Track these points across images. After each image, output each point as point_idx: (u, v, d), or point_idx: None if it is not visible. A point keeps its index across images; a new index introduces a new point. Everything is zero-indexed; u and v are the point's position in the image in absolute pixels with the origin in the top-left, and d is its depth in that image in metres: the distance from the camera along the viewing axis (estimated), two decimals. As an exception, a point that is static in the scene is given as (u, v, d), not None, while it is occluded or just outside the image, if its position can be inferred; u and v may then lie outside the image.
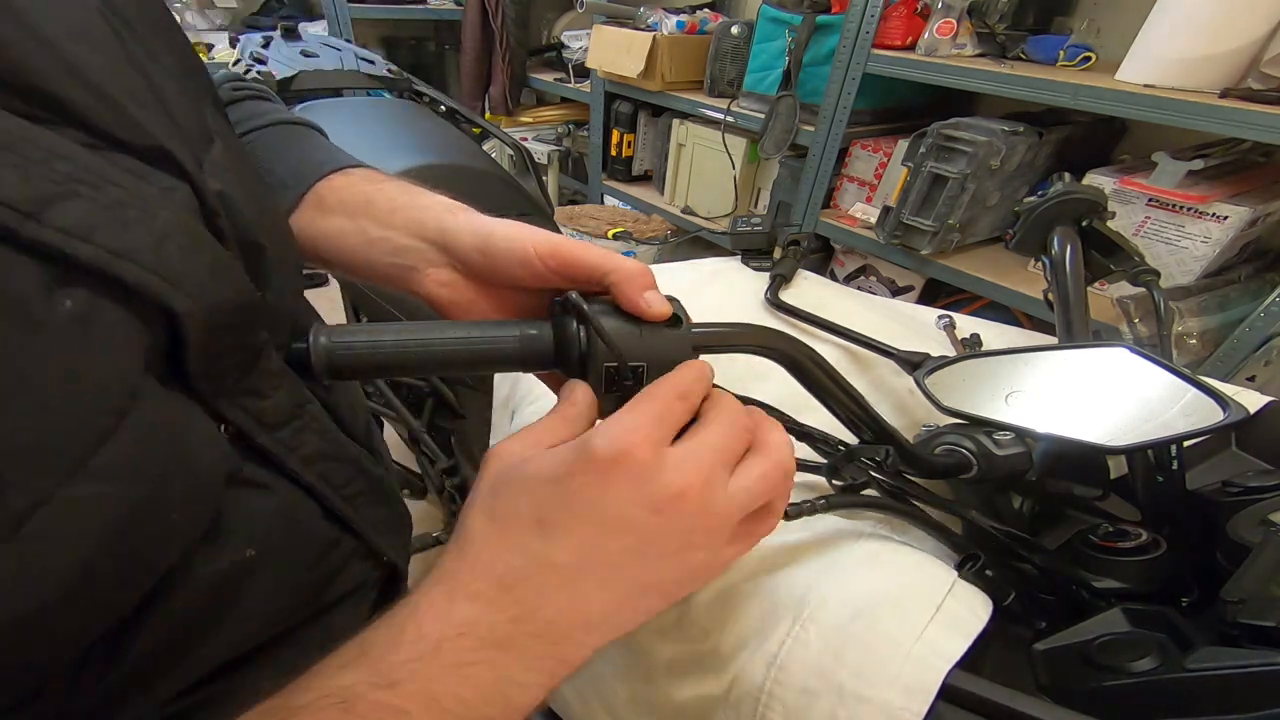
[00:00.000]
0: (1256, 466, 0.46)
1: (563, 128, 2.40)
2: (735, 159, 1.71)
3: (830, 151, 1.49)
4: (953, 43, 1.27)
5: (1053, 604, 0.44)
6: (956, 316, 0.69)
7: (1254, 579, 0.34)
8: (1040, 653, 0.38)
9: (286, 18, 1.98)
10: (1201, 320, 1.08)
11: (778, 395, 0.43)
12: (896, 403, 0.59)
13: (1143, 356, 0.43)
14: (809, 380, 0.36)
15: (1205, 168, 1.07)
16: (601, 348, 0.30)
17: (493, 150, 1.44)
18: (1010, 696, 0.31)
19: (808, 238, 0.74)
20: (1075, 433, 0.40)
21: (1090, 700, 0.33)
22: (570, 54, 2.15)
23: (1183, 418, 0.39)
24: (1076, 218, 0.62)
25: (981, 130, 1.20)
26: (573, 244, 0.32)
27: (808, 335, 0.64)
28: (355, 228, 0.36)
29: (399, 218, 0.35)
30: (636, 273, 0.30)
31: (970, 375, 0.48)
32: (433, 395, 0.97)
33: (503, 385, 0.65)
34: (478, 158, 1.04)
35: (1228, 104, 0.96)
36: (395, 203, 0.36)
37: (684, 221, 1.92)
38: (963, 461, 0.42)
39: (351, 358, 0.29)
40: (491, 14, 2.13)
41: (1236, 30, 0.99)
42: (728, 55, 1.68)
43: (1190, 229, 1.09)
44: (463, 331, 0.31)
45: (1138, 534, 0.43)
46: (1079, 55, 1.21)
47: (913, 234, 1.36)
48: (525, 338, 0.31)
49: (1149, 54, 1.06)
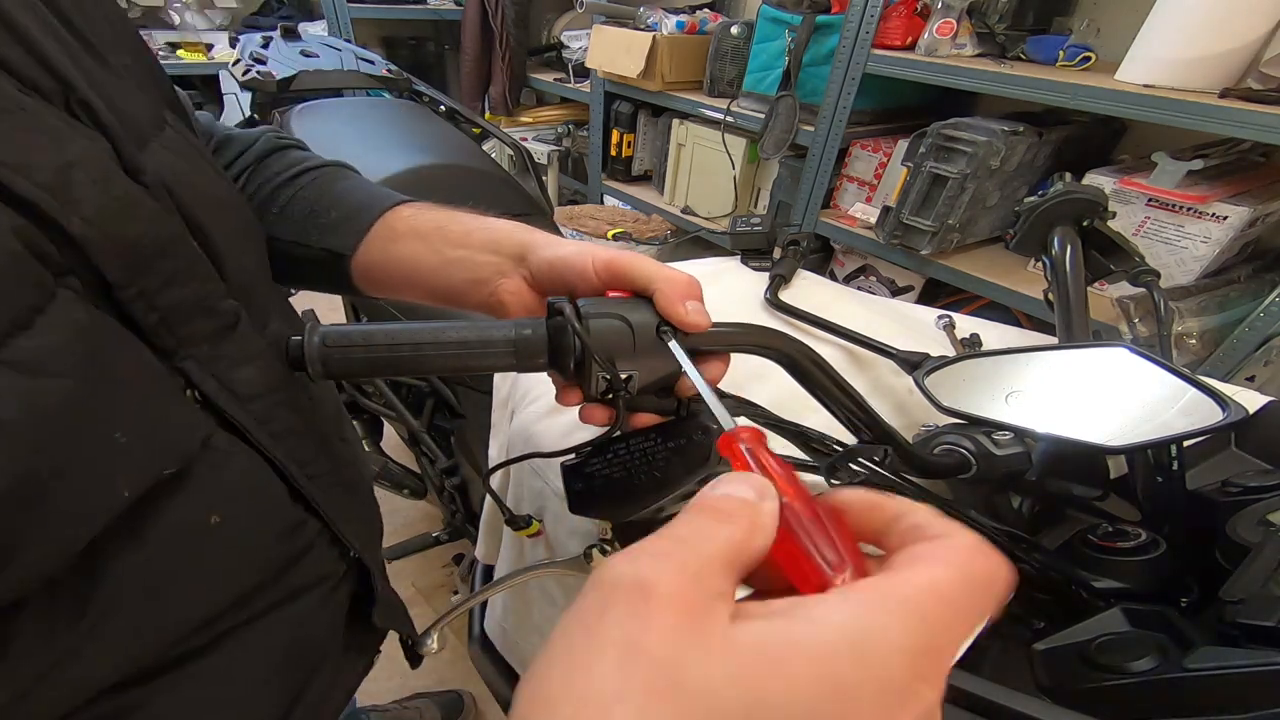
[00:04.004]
0: (1256, 466, 0.46)
1: (563, 128, 2.40)
2: (735, 159, 1.71)
3: (830, 151, 1.49)
4: (952, 43, 1.27)
5: (1052, 604, 0.44)
6: (956, 316, 0.69)
7: (1253, 579, 0.34)
8: (1039, 652, 0.38)
9: (286, 18, 1.99)
10: (1201, 320, 1.08)
11: (777, 395, 0.43)
12: (896, 403, 0.59)
13: (1143, 356, 0.43)
14: (808, 380, 0.36)
15: (1205, 168, 1.07)
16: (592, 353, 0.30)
17: (493, 150, 1.44)
18: (1009, 696, 0.31)
19: (807, 238, 0.74)
20: (1075, 433, 0.40)
21: (1089, 700, 0.33)
22: (570, 54, 2.15)
23: (1182, 418, 0.39)
24: (1076, 218, 0.62)
25: (981, 130, 1.20)
26: (626, 256, 0.34)
27: (807, 335, 0.64)
28: (430, 249, 0.39)
29: (476, 238, 0.39)
30: (680, 282, 0.32)
31: (970, 375, 0.48)
32: (433, 395, 0.97)
33: (503, 385, 0.65)
34: (478, 158, 1.04)
35: (1227, 104, 0.96)
36: (468, 226, 0.40)
37: (684, 221, 1.92)
38: (962, 461, 0.43)
39: (346, 356, 0.29)
40: (491, 14, 2.13)
41: (1236, 30, 0.99)
42: (727, 55, 1.68)
43: (1190, 229, 1.09)
44: (457, 332, 0.31)
45: (1137, 534, 0.43)
46: (1079, 55, 1.21)
47: (912, 234, 1.36)
48: (520, 338, 0.31)
49: (1148, 54, 1.06)
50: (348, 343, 0.30)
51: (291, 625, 0.34)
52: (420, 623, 0.49)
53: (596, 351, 0.30)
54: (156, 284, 0.24)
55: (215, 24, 2.39)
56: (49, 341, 0.19)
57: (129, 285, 0.23)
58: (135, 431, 0.22)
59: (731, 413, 0.24)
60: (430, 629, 0.49)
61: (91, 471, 0.21)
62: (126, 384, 0.22)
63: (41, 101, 0.21)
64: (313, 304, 0.67)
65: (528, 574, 0.46)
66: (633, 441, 0.35)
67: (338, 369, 0.30)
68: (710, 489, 0.19)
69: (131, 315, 0.23)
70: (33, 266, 0.19)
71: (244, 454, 0.28)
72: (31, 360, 0.19)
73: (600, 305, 0.32)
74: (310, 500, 0.33)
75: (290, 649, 0.34)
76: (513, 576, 0.48)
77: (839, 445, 0.41)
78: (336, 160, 0.46)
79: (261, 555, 0.31)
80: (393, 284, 0.41)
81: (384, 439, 1.14)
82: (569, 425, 0.53)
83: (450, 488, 1.00)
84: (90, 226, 0.21)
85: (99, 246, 0.21)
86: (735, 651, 0.14)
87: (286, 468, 0.31)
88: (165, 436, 0.24)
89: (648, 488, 0.34)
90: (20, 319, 0.19)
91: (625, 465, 0.35)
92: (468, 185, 0.94)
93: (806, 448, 0.42)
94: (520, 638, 0.61)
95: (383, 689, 1.10)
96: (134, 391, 0.23)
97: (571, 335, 0.30)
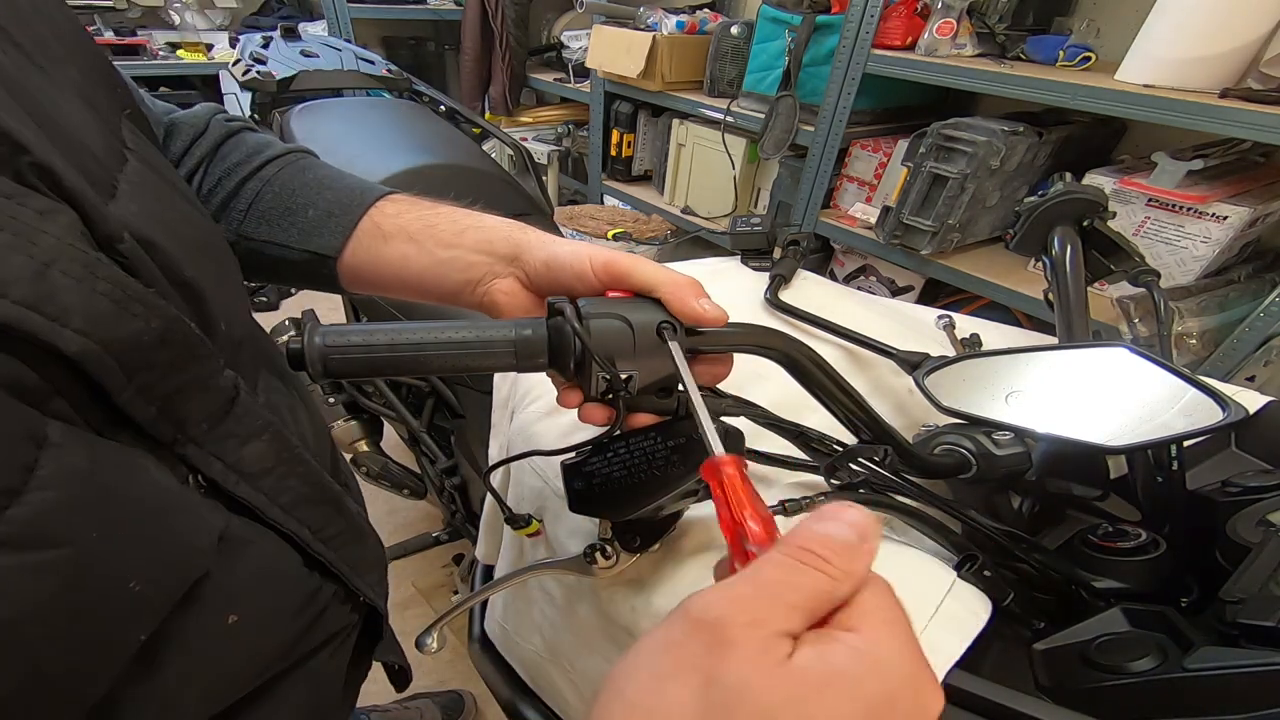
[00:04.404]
0: (1256, 466, 0.46)
1: (563, 128, 2.40)
2: (735, 159, 1.71)
3: (830, 151, 1.49)
4: (952, 43, 1.27)
5: (1052, 604, 0.44)
6: (956, 316, 0.69)
7: (1253, 579, 0.34)
8: (1040, 652, 0.38)
9: (286, 18, 1.99)
10: (1201, 320, 1.08)
11: (777, 395, 0.43)
12: (896, 403, 0.59)
13: (1142, 356, 0.43)
14: (808, 380, 0.36)
15: (1205, 168, 1.07)
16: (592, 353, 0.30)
17: (493, 150, 1.44)
18: (1009, 696, 0.31)
19: (807, 238, 0.74)
20: (1075, 433, 0.40)
21: (1090, 700, 0.33)
22: (570, 54, 2.15)
23: (1182, 418, 0.39)
24: (1077, 218, 0.62)
25: (981, 130, 1.20)
26: (626, 257, 0.33)
27: (807, 335, 0.64)
28: (421, 250, 0.38)
29: (468, 238, 0.38)
30: (685, 284, 0.32)
31: (970, 375, 0.48)
32: (433, 395, 0.97)
33: (503, 385, 0.65)
34: (478, 158, 1.04)
35: (1227, 104, 0.96)
36: (460, 225, 0.38)
37: (684, 221, 1.92)
38: (962, 461, 0.43)
39: (346, 356, 0.29)
40: (491, 14, 2.13)
41: (1236, 30, 0.99)
42: (727, 55, 1.68)
43: (1190, 229, 1.09)
44: (457, 332, 0.31)
45: (1137, 534, 0.43)
46: (1079, 55, 1.21)
47: (912, 234, 1.36)
48: (520, 338, 0.31)
49: (1148, 54, 1.06)
50: (347, 343, 0.30)
51: (307, 685, 0.32)
52: (420, 623, 0.49)
53: (596, 351, 0.30)
54: (156, 377, 0.21)
55: (215, 24, 2.39)
56: (45, 503, 0.16)
57: (128, 387, 0.20)
58: (149, 572, 0.20)
59: (732, 413, 0.24)
60: (430, 629, 0.48)
61: (104, 639, 0.19)
62: (135, 521, 0.20)
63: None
64: (313, 304, 0.67)
65: (528, 573, 0.46)
66: (632, 440, 0.35)
67: (338, 369, 0.30)
68: (811, 523, 0.20)
69: (128, 414, 0.21)
70: (18, 416, 0.17)
71: (258, 537, 0.27)
72: (30, 535, 0.16)
73: (600, 305, 0.32)
74: (326, 563, 0.32)
75: (305, 709, 0.33)
76: (513, 576, 0.48)
77: (839, 445, 0.41)
78: (296, 146, 0.44)
79: (279, 637, 0.29)
80: (382, 283, 0.40)
81: (384, 439, 1.14)
82: (569, 425, 0.53)
83: (450, 488, 1.00)
84: (85, 338, 0.18)
85: (97, 358, 0.18)
86: (792, 681, 0.17)
87: (300, 536, 0.29)
88: (181, 558, 0.22)
89: (648, 487, 0.34)
90: (11, 487, 0.16)
91: (625, 464, 0.35)
92: (468, 185, 0.94)
93: (806, 448, 0.42)
94: (520, 637, 0.61)
95: (382, 689, 1.09)
96: (144, 526, 0.20)
97: (571, 335, 0.30)
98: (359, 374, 0.31)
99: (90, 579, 0.18)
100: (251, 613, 0.26)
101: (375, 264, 0.39)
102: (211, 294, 0.26)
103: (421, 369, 0.31)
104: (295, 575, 0.30)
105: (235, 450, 0.25)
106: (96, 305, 0.18)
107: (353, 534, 0.34)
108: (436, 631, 0.49)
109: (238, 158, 0.41)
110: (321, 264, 0.39)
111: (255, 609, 0.26)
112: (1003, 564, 0.44)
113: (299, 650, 0.31)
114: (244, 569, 0.25)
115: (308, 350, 0.29)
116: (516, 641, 0.62)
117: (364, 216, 0.39)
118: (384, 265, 0.39)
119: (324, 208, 0.39)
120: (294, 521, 0.29)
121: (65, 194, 0.19)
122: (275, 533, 0.28)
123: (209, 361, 0.24)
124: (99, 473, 0.19)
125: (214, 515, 0.24)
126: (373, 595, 0.37)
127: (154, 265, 0.22)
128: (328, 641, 0.34)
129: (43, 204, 0.18)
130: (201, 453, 0.24)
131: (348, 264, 0.39)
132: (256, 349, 0.31)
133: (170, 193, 0.28)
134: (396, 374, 0.54)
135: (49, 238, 0.18)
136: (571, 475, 0.36)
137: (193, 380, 0.23)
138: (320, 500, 0.31)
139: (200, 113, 0.42)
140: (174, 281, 0.24)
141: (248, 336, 0.30)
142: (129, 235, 0.21)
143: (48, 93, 0.22)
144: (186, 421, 0.23)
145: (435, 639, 0.48)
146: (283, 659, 0.30)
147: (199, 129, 0.41)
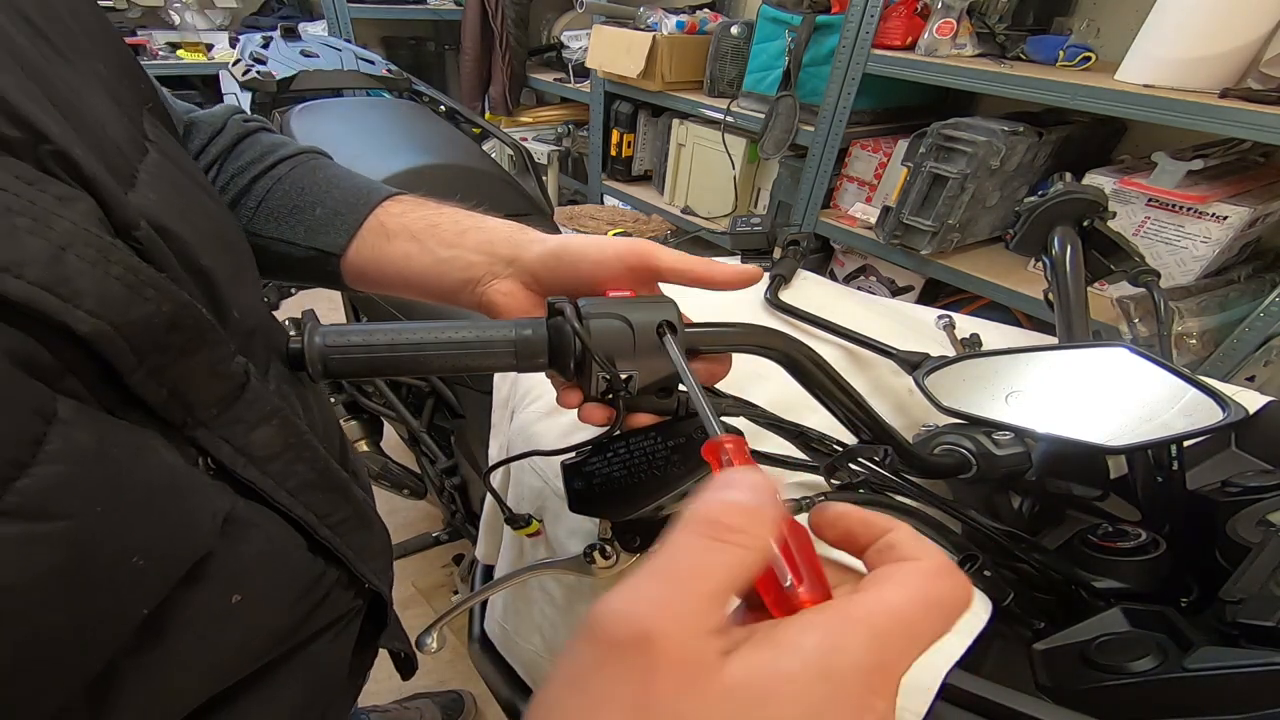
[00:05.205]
0: (1256, 466, 0.46)
1: (562, 128, 2.40)
2: (735, 159, 1.71)
3: (830, 151, 1.49)
4: (952, 43, 1.27)
5: (1052, 604, 0.44)
6: (956, 316, 0.69)
7: (1253, 579, 0.34)
8: (1040, 652, 0.38)
9: (286, 18, 1.99)
10: (1201, 320, 1.08)
11: (777, 395, 0.43)
12: (896, 403, 0.59)
13: (1143, 356, 0.43)
14: (808, 380, 0.36)
15: (1205, 168, 1.07)
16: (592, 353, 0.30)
17: (493, 150, 1.45)
18: (1009, 696, 0.31)
19: (807, 238, 0.74)
20: (1075, 433, 0.40)
21: (1089, 700, 0.33)
22: (570, 54, 2.15)
23: (1182, 418, 0.39)
24: (1077, 218, 0.62)
25: (981, 130, 1.20)
26: (647, 242, 0.34)
27: (807, 335, 0.64)
28: (423, 249, 0.39)
29: (469, 238, 0.38)
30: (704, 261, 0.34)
31: (970, 375, 0.48)
32: (433, 395, 0.97)
33: (503, 385, 0.65)
34: (478, 158, 1.04)
35: (1227, 104, 0.96)
36: (462, 225, 0.39)
37: (684, 221, 1.92)
38: (962, 461, 0.43)
39: (346, 356, 0.30)
40: (491, 14, 2.13)
41: (1236, 30, 0.99)
42: (727, 55, 1.68)
43: (1190, 229, 1.09)
44: (457, 332, 0.31)
45: (1137, 534, 0.43)
46: (1079, 55, 1.21)
47: (913, 234, 1.36)
48: (520, 338, 0.31)
49: (1148, 54, 1.06)
50: (348, 343, 0.30)
51: (308, 670, 0.32)
52: (420, 623, 0.49)
53: (596, 351, 0.30)
54: (168, 360, 0.22)
55: (215, 24, 2.39)
56: (52, 476, 0.17)
57: (139, 369, 0.21)
58: (153, 549, 0.20)
59: (732, 413, 0.24)
60: (430, 629, 0.49)
61: (106, 611, 0.19)
62: (141, 499, 0.20)
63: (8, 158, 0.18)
64: (313, 304, 0.67)
65: (527, 573, 0.46)
66: (632, 441, 0.36)
67: (338, 369, 0.30)
68: (712, 493, 0.18)
69: (139, 395, 0.21)
70: (28, 391, 0.17)
71: (264, 520, 0.27)
72: (35, 506, 0.16)
73: (600, 305, 0.32)
74: (331, 547, 0.32)
75: (306, 692, 0.33)
76: (513, 576, 0.48)
77: (839, 445, 0.41)
78: (310, 146, 0.44)
79: (282, 619, 0.30)
80: (385, 282, 0.41)
81: (384, 439, 1.15)
82: (569, 425, 0.53)
83: (450, 488, 1.00)
84: (98, 319, 0.19)
85: (109, 339, 0.19)
86: (729, 695, 0.15)
87: (306, 521, 0.30)
88: (186, 537, 0.22)
89: (647, 487, 0.34)
90: (19, 459, 0.16)
91: (625, 464, 0.35)
92: (468, 185, 0.94)
93: (806, 448, 0.42)
94: (520, 637, 0.61)
95: (383, 689, 1.10)
96: (150, 504, 0.21)
97: (571, 335, 0.30)
98: (359, 374, 0.31)
99: (93, 552, 0.18)
100: (255, 594, 0.26)
101: (378, 262, 0.40)
102: (225, 282, 0.26)
103: (421, 369, 0.31)
104: (300, 558, 0.30)
105: (244, 434, 0.26)
106: (109, 288, 0.19)
107: (359, 520, 0.34)
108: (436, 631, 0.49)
109: (251, 156, 0.41)
110: (326, 261, 0.40)
111: (259, 590, 0.27)
112: (1003, 564, 0.44)
113: (302, 633, 0.32)
114: (249, 550, 0.26)
115: (308, 350, 0.29)
116: (516, 641, 0.62)
117: (370, 215, 0.40)
118: (386, 263, 0.39)
119: (331, 206, 0.40)
120: (300, 506, 0.29)
121: (84, 181, 0.20)
122: (282, 516, 0.28)
123: (220, 347, 0.24)
124: (107, 450, 0.19)
125: (221, 497, 0.24)
126: (377, 582, 0.37)
127: (169, 252, 0.23)
128: (331, 625, 0.34)
129: (62, 190, 0.19)
130: (211, 435, 0.24)
131: (352, 262, 0.40)
132: (269, 339, 0.32)
133: (189, 184, 0.29)
134: (396, 374, 0.54)
135: (66, 222, 0.18)
136: (571, 475, 0.36)
137: (203, 364, 0.23)
138: (327, 486, 0.31)
139: (219, 112, 0.43)
140: (189, 269, 0.24)
141: (260, 326, 0.31)
142: (145, 223, 0.22)
143: (73, 85, 0.23)
144: (196, 405, 0.23)
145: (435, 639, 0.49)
146: (285, 642, 0.31)
147: (216, 127, 0.42)
